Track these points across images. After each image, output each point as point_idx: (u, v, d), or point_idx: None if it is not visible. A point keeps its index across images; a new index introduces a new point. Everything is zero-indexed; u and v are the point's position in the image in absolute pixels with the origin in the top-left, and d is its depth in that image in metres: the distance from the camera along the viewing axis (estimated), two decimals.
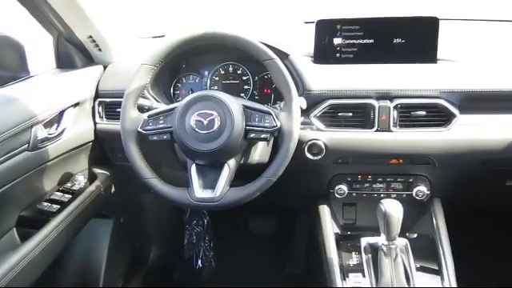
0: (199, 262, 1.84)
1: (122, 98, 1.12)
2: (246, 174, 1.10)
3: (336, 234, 1.28)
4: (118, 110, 1.15)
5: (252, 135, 1.06)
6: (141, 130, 1.09)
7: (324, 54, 1.22)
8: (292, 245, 1.84)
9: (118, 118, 1.11)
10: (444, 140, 1.15)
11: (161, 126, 1.09)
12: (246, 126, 1.06)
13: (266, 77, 1.30)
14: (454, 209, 1.28)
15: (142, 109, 1.16)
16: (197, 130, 1.05)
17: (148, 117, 1.10)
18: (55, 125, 1.20)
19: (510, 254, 1.65)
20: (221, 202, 1.05)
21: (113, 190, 1.42)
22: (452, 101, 1.15)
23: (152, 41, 1.58)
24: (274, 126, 1.05)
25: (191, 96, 1.08)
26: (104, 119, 1.32)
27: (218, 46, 1.13)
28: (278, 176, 1.05)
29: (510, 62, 1.21)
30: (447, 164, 1.19)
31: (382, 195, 1.25)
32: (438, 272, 1.16)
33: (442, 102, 1.14)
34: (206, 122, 1.04)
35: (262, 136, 1.06)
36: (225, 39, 1.08)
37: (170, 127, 1.08)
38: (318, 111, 1.18)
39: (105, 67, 1.38)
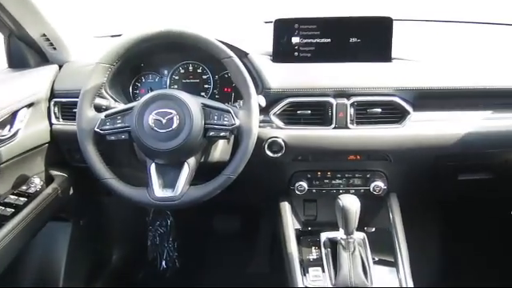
0: (163, 262, 1.82)
1: (78, 97, 1.10)
2: (207, 172, 1.10)
3: (297, 229, 1.30)
4: (74, 110, 1.13)
5: (211, 133, 1.07)
6: (98, 130, 1.08)
7: (282, 52, 1.23)
8: (256, 243, 1.85)
9: (75, 119, 1.10)
10: (398, 136, 1.19)
11: (118, 125, 1.08)
12: (205, 124, 1.07)
13: (226, 76, 1.30)
14: (410, 203, 1.32)
15: (99, 108, 1.15)
16: (155, 128, 1.04)
17: (105, 116, 1.09)
18: (8, 126, 1.16)
19: (463, 245, 1.73)
20: (181, 200, 1.06)
21: (71, 192, 1.38)
22: (406, 98, 1.19)
23: (109, 40, 1.55)
24: (233, 124, 1.06)
25: (149, 95, 1.07)
26: (60, 120, 1.29)
27: (176, 45, 1.13)
28: (238, 173, 1.06)
29: (459, 61, 1.26)
30: (402, 159, 1.23)
31: (341, 191, 1.28)
32: (394, 264, 1.20)
33: (397, 99, 1.18)
34: (164, 121, 1.04)
35: (222, 134, 1.07)
36: (182, 37, 1.08)
37: (128, 127, 1.07)
38: (277, 109, 1.19)
39: (60, 66, 1.34)
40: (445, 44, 1.36)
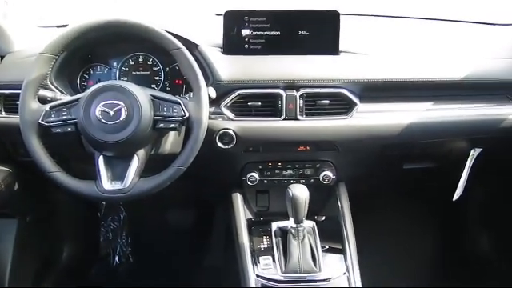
0: (116, 258, 1.79)
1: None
2: (158, 164, 1.10)
3: (249, 220, 1.32)
4: (17, 102, 1.09)
5: (161, 125, 1.07)
6: (42, 122, 1.05)
7: (233, 45, 1.24)
8: (211, 237, 1.86)
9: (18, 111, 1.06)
10: (346, 127, 1.22)
11: (64, 117, 1.05)
12: (155, 115, 1.06)
13: (177, 67, 1.29)
14: (358, 192, 1.37)
15: (44, 100, 1.11)
16: (103, 120, 1.03)
17: (50, 108, 1.06)
18: None
19: (408, 232, 1.81)
20: (130, 193, 1.05)
21: (16, 187, 1.34)
22: (353, 90, 1.23)
23: (55, 30, 1.50)
24: (183, 116, 1.06)
25: (96, 86, 1.06)
26: (3, 113, 1.24)
27: (125, 36, 1.12)
28: (188, 165, 1.07)
29: (404, 55, 1.31)
30: (349, 149, 1.27)
31: (292, 181, 1.30)
32: (342, 251, 1.24)
33: (344, 91, 1.21)
34: (112, 113, 1.03)
35: (171, 126, 1.07)
36: (129, 28, 1.07)
37: (75, 119, 1.05)
38: (228, 101, 1.20)
39: (2, 57, 1.29)
40: (390, 38, 1.41)
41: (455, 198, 1.40)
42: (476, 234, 1.84)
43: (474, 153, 1.36)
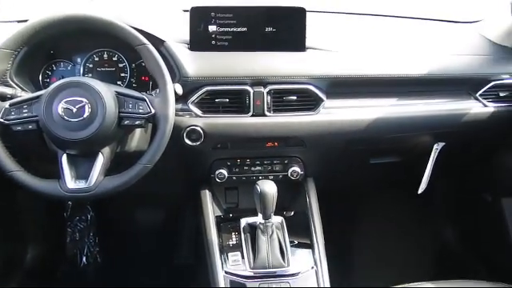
0: (83, 259, 1.76)
1: None
2: (124, 162, 1.08)
3: (218, 217, 1.31)
4: None
5: (126, 122, 1.05)
6: (2, 120, 1.02)
7: (199, 41, 1.23)
8: (181, 235, 1.85)
9: None
10: (313, 122, 1.24)
11: (25, 115, 1.03)
12: (120, 112, 1.05)
13: (143, 64, 1.27)
14: (326, 187, 1.39)
15: (4, 97, 1.08)
16: (66, 118, 1.01)
17: (10, 105, 1.03)
18: None
19: (375, 225, 1.85)
20: (95, 191, 1.03)
21: None
22: (320, 86, 1.24)
23: (15, 25, 1.45)
24: (149, 113, 1.05)
25: (58, 82, 1.03)
26: None
27: (89, 31, 1.09)
28: (155, 162, 1.06)
29: (369, 51, 1.33)
30: (317, 145, 1.28)
31: (261, 177, 1.31)
32: (310, 246, 1.25)
33: (311, 87, 1.22)
34: (75, 110, 1.01)
35: (137, 123, 1.06)
36: (91, 23, 1.05)
37: (36, 116, 1.02)
38: (195, 97, 1.19)
39: None
40: (356, 35, 1.42)
41: (420, 191, 1.43)
42: (441, 226, 1.90)
43: (438, 147, 1.40)
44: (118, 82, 1.28)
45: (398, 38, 1.44)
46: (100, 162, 1.05)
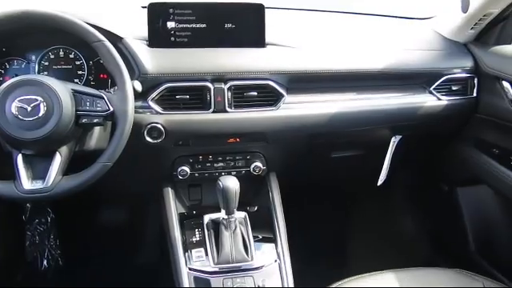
0: (44, 262, 1.71)
1: None
2: (84, 161, 1.06)
3: (181, 214, 1.31)
4: None
5: (84, 120, 1.03)
6: None
7: (158, 37, 1.22)
8: (145, 233, 1.83)
9: None
10: (274, 118, 1.25)
11: None
12: (77, 111, 1.02)
13: (101, 61, 1.25)
14: (289, 181, 1.41)
15: None
16: (20, 117, 0.98)
17: None
18: None
19: (338, 218, 1.89)
20: (53, 191, 1.01)
21: None
22: (280, 82, 1.25)
23: None
24: (107, 110, 1.04)
25: (11, 81, 1.00)
26: None
27: (42, 28, 1.07)
28: (114, 160, 1.04)
29: (328, 47, 1.36)
30: (278, 140, 1.30)
31: (223, 173, 1.31)
32: (273, 240, 1.27)
33: (271, 83, 1.24)
34: (29, 109, 0.98)
35: (95, 121, 1.04)
36: (46, 20, 1.02)
37: None
38: (155, 94, 1.18)
39: None
40: (315, 31, 1.45)
41: (379, 182, 1.47)
42: (401, 216, 1.96)
43: (395, 139, 1.44)
44: (76, 80, 1.25)
45: (356, 34, 1.48)
46: (57, 161, 1.02)
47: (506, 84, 1.32)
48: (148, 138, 1.19)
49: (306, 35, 1.39)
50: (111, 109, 1.03)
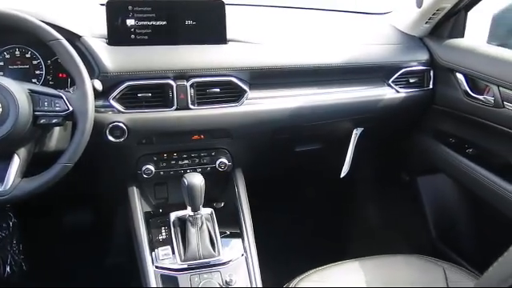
0: (7, 268, 1.66)
1: None
2: (44, 163, 1.04)
3: (147, 213, 1.30)
4: None
5: (42, 121, 1.01)
6: None
7: (118, 35, 1.20)
8: (113, 234, 1.80)
9: None
10: (237, 114, 1.26)
11: None
12: (35, 111, 1.00)
13: (59, 60, 1.23)
14: (255, 176, 1.42)
15: None
16: None
17: None
18: None
19: (304, 211, 1.92)
20: (11, 194, 0.99)
21: None
22: (242, 78, 1.26)
23: None
24: (66, 110, 1.02)
25: None
26: None
27: None
28: (75, 161, 1.03)
29: (289, 43, 1.38)
30: (242, 136, 1.31)
31: (189, 170, 1.30)
32: (240, 235, 1.28)
33: (234, 79, 1.24)
34: None
35: (54, 121, 1.02)
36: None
37: None
38: (116, 93, 1.16)
39: None
40: (276, 27, 1.47)
41: (342, 175, 1.51)
42: (365, 206, 2.01)
43: (357, 132, 1.48)
44: (34, 80, 1.22)
45: (317, 30, 1.50)
46: (16, 163, 1.00)
47: (459, 76, 1.38)
48: (110, 138, 1.17)
49: (268, 31, 1.41)
50: (70, 108, 1.02)
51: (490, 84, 1.28)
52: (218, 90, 1.23)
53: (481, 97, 1.32)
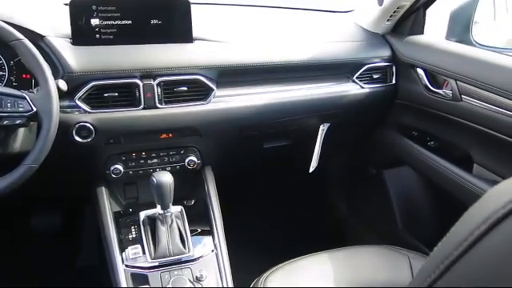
0: None
1: None
2: (9, 165, 1.03)
3: (116, 213, 1.30)
4: None
5: (5, 122, 1.00)
6: None
7: (82, 35, 1.19)
8: (82, 236, 1.78)
9: None
10: (205, 112, 1.27)
11: None
12: None
13: (22, 60, 1.21)
14: (225, 173, 1.44)
15: None
16: None
17: None
18: None
19: (274, 207, 1.95)
20: None
21: None
22: (209, 76, 1.27)
23: None
24: (30, 111, 1.01)
25: None
26: None
27: None
28: (41, 162, 1.02)
29: (255, 41, 1.40)
30: (211, 133, 1.32)
31: (158, 169, 1.31)
32: (210, 232, 1.29)
33: (201, 77, 1.25)
34: None
35: (18, 122, 1.01)
36: None
37: None
38: (82, 93, 1.15)
39: None
40: (242, 26, 1.48)
41: (311, 169, 1.54)
42: (334, 199, 2.05)
43: (324, 127, 1.51)
44: None
45: (282, 28, 1.53)
46: None
47: (420, 71, 1.43)
48: (77, 138, 1.16)
49: (234, 30, 1.42)
50: (34, 109, 1.01)
51: (448, 78, 1.34)
52: (185, 88, 1.24)
53: (440, 91, 1.37)
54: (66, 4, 1.22)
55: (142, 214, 1.26)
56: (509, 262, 0.36)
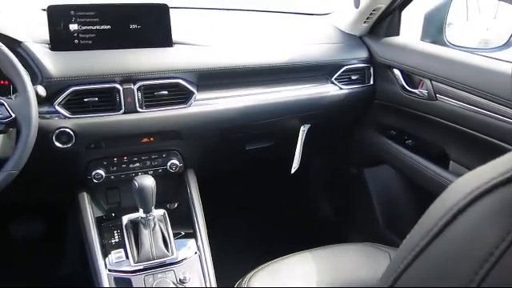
0: None
1: None
2: None
3: (99, 218, 1.29)
4: None
5: None
6: None
7: (61, 40, 1.19)
8: (65, 242, 1.77)
9: None
10: (186, 115, 1.28)
11: None
12: None
13: None
14: (207, 176, 1.44)
15: None
16: None
17: None
18: None
19: (257, 209, 1.96)
20: None
21: None
22: (189, 80, 1.28)
23: None
24: (9, 117, 1.01)
25: None
26: None
27: None
28: (21, 168, 1.01)
29: (235, 44, 1.41)
30: (192, 136, 1.33)
31: (140, 173, 1.31)
32: (193, 235, 1.30)
33: (181, 81, 1.26)
34: None
35: None
36: None
37: None
38: (61, 99, 1.15)
39: None
40: (222, 29, 1.50)
41: (293, 171, 1.56)
42: (316, 199, 2.08)
43: (304, 128, 1.53)
44: None
45: (261, 31, 1.54)
46: None
47: (396, 71, 1.46)
48: (57, 143, 1.16)
49: (213, 33, 1.43)
50: (13, 115, 1.01)
51: (423, 78, 1.37)
52: (165, 92, 1.25)
53: (416, 90, 1.40)
54: (44, 9, 1.22)
55: (125, 219, 1.26)
56: (469, 250, 0.38)
